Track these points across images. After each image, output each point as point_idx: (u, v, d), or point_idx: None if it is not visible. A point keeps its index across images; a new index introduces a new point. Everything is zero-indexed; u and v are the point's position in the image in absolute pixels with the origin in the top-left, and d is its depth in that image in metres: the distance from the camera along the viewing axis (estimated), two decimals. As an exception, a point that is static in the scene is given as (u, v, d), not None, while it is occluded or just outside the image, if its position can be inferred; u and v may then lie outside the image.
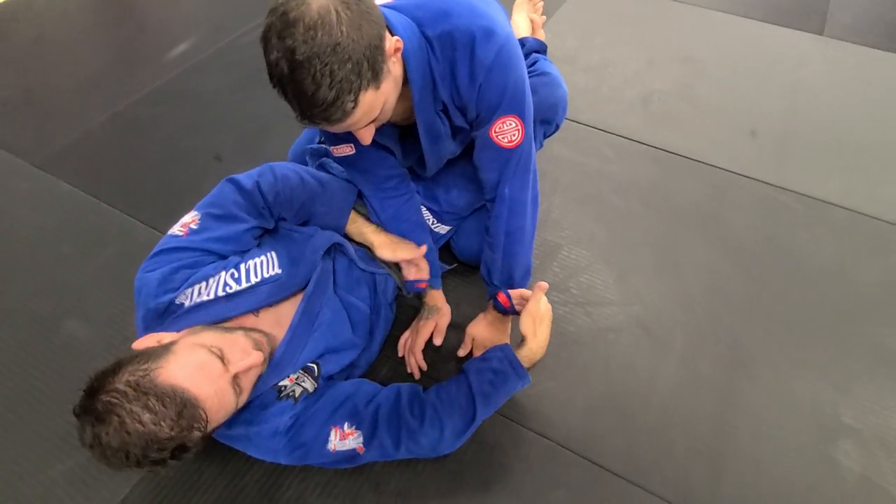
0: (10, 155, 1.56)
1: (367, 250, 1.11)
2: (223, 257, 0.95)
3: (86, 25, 2.13)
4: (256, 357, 0.81)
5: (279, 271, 0.95)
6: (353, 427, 0.91)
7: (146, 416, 0.70)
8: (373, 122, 0.79)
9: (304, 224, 1.07)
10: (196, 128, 1.67)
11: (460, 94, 0.87)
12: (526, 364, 0.98)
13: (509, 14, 1.31)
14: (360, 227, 1.10)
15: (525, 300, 1.02)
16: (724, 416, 1.08)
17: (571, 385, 1.13)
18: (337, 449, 0.90)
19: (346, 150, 0.99)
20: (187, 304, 0.88)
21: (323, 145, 1.22)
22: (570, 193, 1.47)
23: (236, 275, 0.92)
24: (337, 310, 1.00)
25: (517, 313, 1.03)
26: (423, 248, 1.10)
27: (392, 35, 0.77)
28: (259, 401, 0.88)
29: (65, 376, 1.11)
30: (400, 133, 1.01)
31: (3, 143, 1.59)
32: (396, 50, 0.77)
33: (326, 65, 0.66)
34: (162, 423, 0.70)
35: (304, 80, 0.67)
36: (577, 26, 2.04)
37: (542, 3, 1.59)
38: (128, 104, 1.74)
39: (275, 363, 0.89)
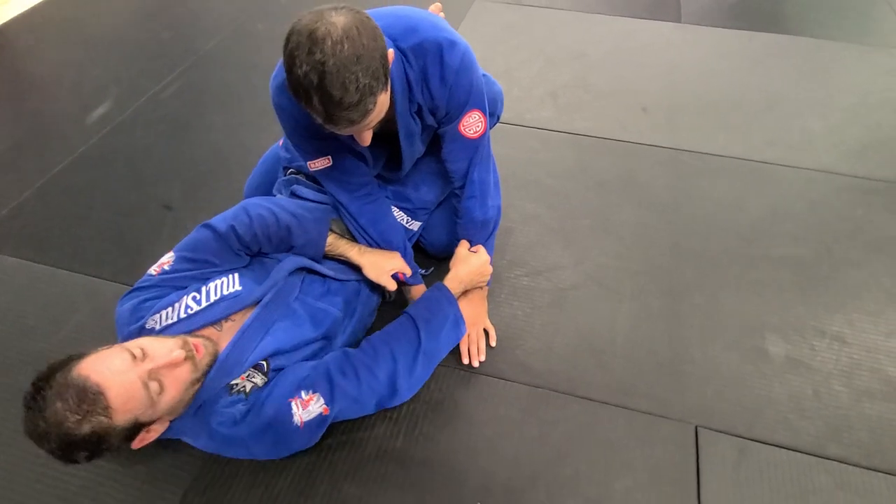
0: (-59, 240, 1.50)
1: (344, 263, 1.21)
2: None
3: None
4: (178, 354, 0.89)
5: (240, 288, 1.04)
6: (310, 391, 0.99)
7: (58, 405, 0.79)
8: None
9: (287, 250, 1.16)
10: (138, 183, 1.68)
11: (432, 96, 1.01)
12: (454, 289, 1.19)
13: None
14: (344, 251, 1.20)
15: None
16: (677, 335, 1.28)
17: (549, 339, 1.28)
18: (304, 420, 0.97)
19: (323, 163, 1.09)
20: (157, 328, 0.98)
21: (292, 175, 1.30)
22: (511, 183, 1.65)
23: (197, 297, 1.02)
24: (297, 316, 1.07)
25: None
26: (402, 262, 1.23)
27: (388, 48, 0.89)
28: (211, 399, 0.95)
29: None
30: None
31: (-71, 231, 1.52)
32: (391, 59, 0.89)
33: (353, 73, 0.78)
34: (67, 411, 0.79)
35: (334, 88, 0.78)
36: (478, 38, 2.26)
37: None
38: (56, 173, 1.71)
39: (220, 363, 0.96)
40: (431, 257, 1.42)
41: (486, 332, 1.28)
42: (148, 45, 2.31)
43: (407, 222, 1.32)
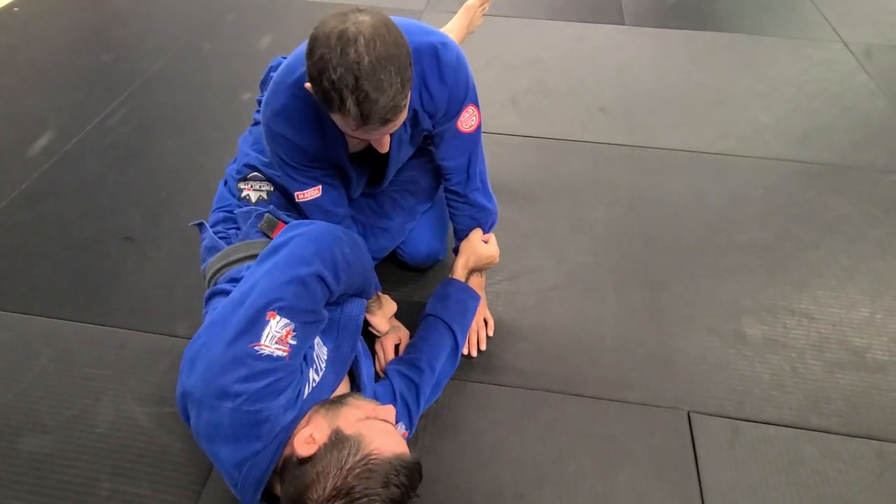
0: None
1: None
2: None
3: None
4: (391, 408, 0.90)
5: (326, 349, 0.96)
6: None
7: (392, 492, 0.75)
8: None
9: None
10: (92, 216, 1.59)
11: (432, 97, 1.01)
12: (462, 277, 1.24)
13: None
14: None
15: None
16: (661, 325, 1.32)
17: (538, 341, 1.29)
18: None
19: (314, 193, 1.07)
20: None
21: (253, 207, 1.17)
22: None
23: (315, 366, 0.91)
24: (370, 362, 1.10)
25: None
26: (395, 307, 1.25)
27: None
28: None
29: (45, 495, 1.02)
30: (352, 160, 1.11)
31: None
32: None
33: (388, 70, 0.77)
34: (404, 487, 0.76)
35: (371, 87, 0.77)
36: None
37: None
38: None
39: None
40: (407, 268, 1.42)
41: (485, 322, 1.29)
42: (88, 70, 2.20)
43: None
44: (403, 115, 0.87)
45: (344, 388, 1.00)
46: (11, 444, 1.09)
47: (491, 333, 1.29)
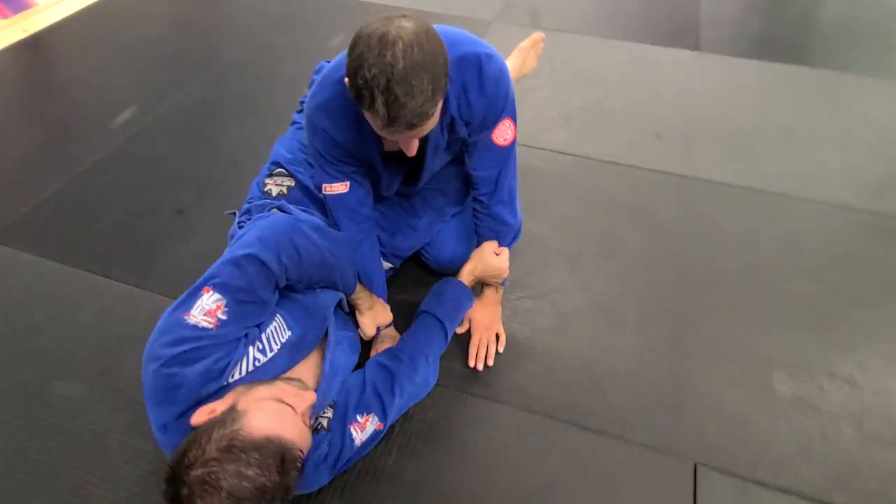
0: (-40, 235, 1.54)
1: None
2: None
3: (18, 105, 2.13)
4: (311, 396, 0.89)
5: (290, 333, 0.98)
6: (365, 413, 1.01)
7: (251, 472, 0.73)
8: None
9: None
10: (153, 187, 1.72)
11: (470, 106, 1.03)
12: (467, 282, 1.24)
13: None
14: (360, 293, 1.18)
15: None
16: (680, 368, 1.26)
17: (548, 363, 1.26)
18: (363, 440, 1.00)
19: (340, 188, 1.11)
20: (224, 383, 0.88)
21: (269, 201, 1.24)
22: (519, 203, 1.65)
23: (261, 346, 0.93)
24: (346, 352, 1.11)
25: None
26: (391, 316, 1.27)
27: None
28: None
29: (64, 433, 1.12)
30: (385, 159, 1.14)
31: (-51, 225, 1.57)
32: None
33: (421, 77, 0.80)
34: (268, 472, 0.74)
35: (400, 91, 0.79)
36: (495, 62, 2.28)
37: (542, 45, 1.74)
38: (77, 174, 1.75)
39: (312, 412, 0.96)
40: (431, 272, 1.42)
41: (497, 337, 1.28)
42: (175, 53, 2.37)
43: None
44: (431, 123, 0.89)
45: (309, 372, 1.01)
46: (46, 385, 1.20)
47: (501, 350, 1.27)
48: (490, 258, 1.23)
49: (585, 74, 2.21)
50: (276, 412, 0.82)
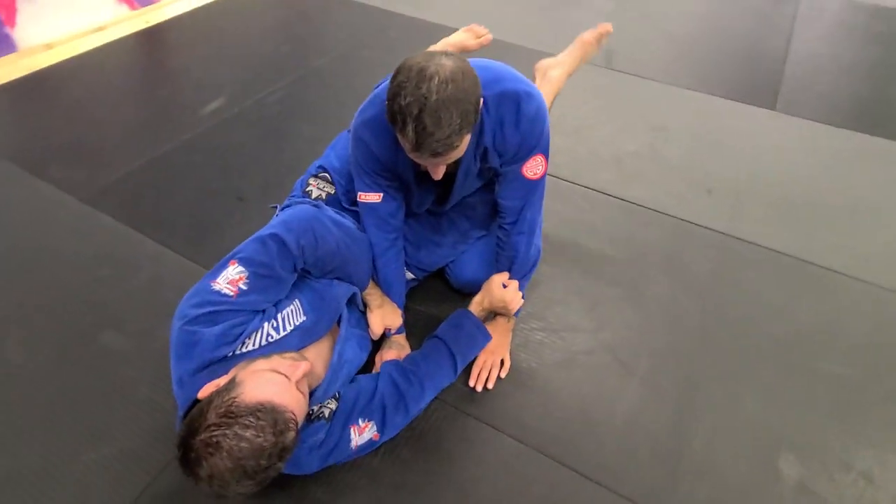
0: (60, 191, 1.77)
1: None
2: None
3: (131, 84, 2.42)
4: (306, 365, 0.95)
5: (304, 318, 1.07)
6: (366, 420, 1.07)
7: (248, 433, 0.81)
8: None
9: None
10: (223, 173, 1.90)
11: (504, 139, 1.10)
12: (477, 313, 1.27)
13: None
14: (370, 291, 1.25)
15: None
16: (681, 427, 1.23)
17: (547, 398, 1.28)
18: (358, 444, 1.06)
19: (374, 198, 1.19)
20: (237, 352, 0.98)
21: (308, 201, 1.35)
22: (549, 238, 1.67)
23: (275, 324, 1.02)
24: (355, 348, 1.17)
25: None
26: (399, 322, 1.31)
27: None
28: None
29: (101, 378, 1.27)
30: (419, 179, 1.21)
31: (54, 181, 1.80)
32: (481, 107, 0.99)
33: (451, 112, 0.88)
34: (262, 433, 0.82)
35: (429, 121, 0.88)
36: (559, 97, 2.32)
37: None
38: (164, 151, 1.97)
39: (315, 399, 1.04)
40: (453, 289, 1.48)
41: (501, 363, 1.31)
42: (268, 56, 2.60)
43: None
44: (456, 153, 0.97)
45: (319, 359, 1.08)
46: (95, 334, 1.36)
47: (503, 375, 1.30)
48: (496, 290, 1.26)
49: (648, 120, 2.20)
50: (269, 380, 0.90)
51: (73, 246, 1.60)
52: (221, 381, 0.92)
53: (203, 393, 0.91)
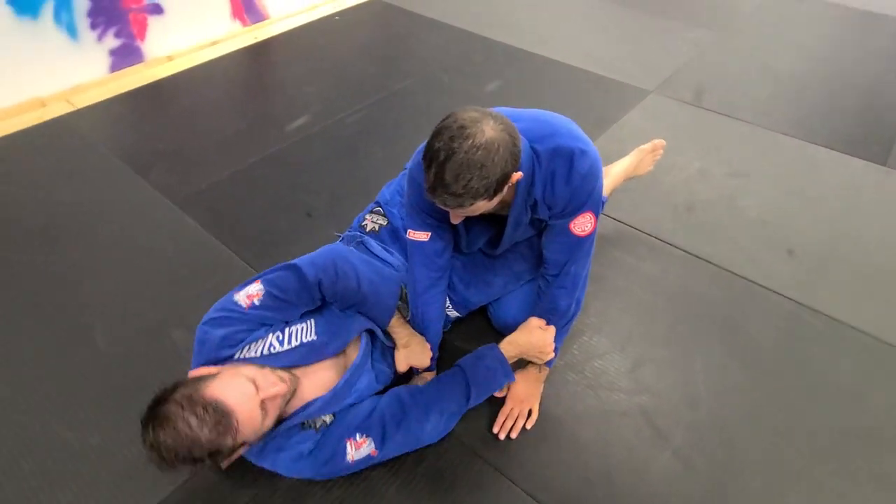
0: (157, 192, 1.99)
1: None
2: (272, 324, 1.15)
3: (232, 97, 2.65)
4: (282, 387, 1.03)
5: (314, 337, 1.14)
6: (364, 435, 1.11)
7: (193, 421, 0.91)
8: None
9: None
10: (297, 189, 2.03)
11: (554, 193, 1.12)
12: (508, 353, 1.25)
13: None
14: (396, 328, 1.28)
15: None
16: (709, 511, 1.15)
17: (571, 456, 1.25)
18: (355, 459, 1.11)
19: (422, 236, 1.24)
20: (237, 356, 1.09)
21: (357, 233, 1.47)
22: (601, 284, 1.63)
23: (280, 337, 1.12)
24: (371, 380, 1.21)
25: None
26: (427, 362, 1.31)
27: (517, 171, 1.00)
28: (287, 431, 1.10)
29: (163, 371, 1.39)
30: (468, 222, 1.24)
31: (154, 183, 2.03)
32: (514, 181, 1.01)
33: (470, 175, 0.92)
34: (204, 427, 0.91)
35: (448, 174, 0.92)
36: (637, 132, 2.24)
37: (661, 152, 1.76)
38: (249, 164, 2.14)
39: (309, 413, 1.10)
40: (495, 330, 1.48)
41: (529, 413, 1.30)
42: (355, 76, 2.74)
43: (448, 308, 1.41)
44: (468, 211, 1.00)
45: (326, 377, 1.15)
46: (168, 330, 1.51)
47: (529, 427, 1.28)
48: (533, 335, 1.26)
49: (731, 165, 2.07)
50: (237, 385, 0.98)
51: (161, 245, 1.79)
52: (211, 370, 1.03)
53: (193, 373, 1.03)
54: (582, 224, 1.16)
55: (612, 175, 1.72)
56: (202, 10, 2.92)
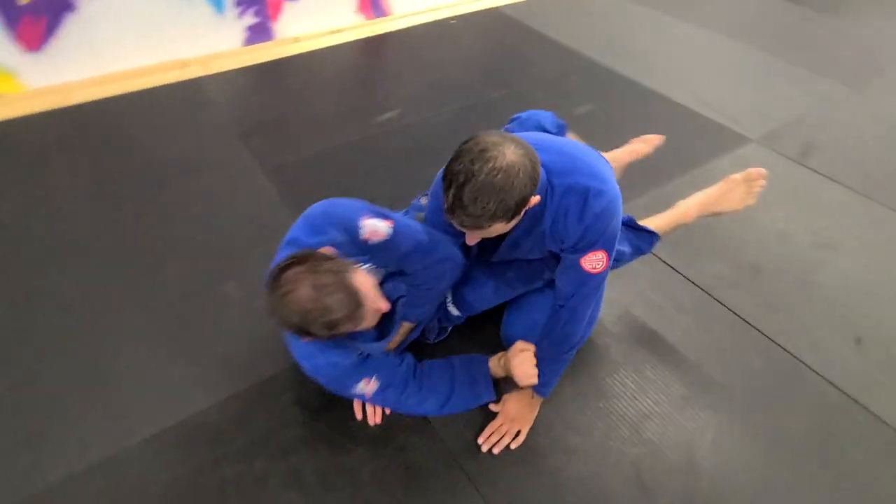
0: (253, 158, 2.20)
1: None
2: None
3: (341, 82, 2.85)
4: (386, 305, 1.13)
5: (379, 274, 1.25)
6: (374, 379, 1.22)
7: (338, 297, 0.99)
8: None
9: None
10: (369, 176, 2.15)
11: (566, 229, 1.13)
12: (493, 363, 1.34)
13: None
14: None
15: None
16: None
17: (546, 488, 1.23)
18: (354, 392, 1.23)
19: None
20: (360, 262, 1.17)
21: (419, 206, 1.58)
22: (630, 324, 1.56)
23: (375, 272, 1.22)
24: (397, 283, 1.31)
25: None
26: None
27: (535, 195, 1.02)
28: (342, 341, 1.18)
29: (216, 321, 1.59)
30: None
31: (252, 149, 2.25)
32: (531, 205, 1.04)
33: (489, 198, 0.95)
34: (343, 308, 1.00)
35: (466, 196, 0.95)
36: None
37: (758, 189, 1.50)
38: (335, 145, 2.30)
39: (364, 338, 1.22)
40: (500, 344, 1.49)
41: (517, 434, 1.30)
42: (451, 79, 2.83)
43: (448, 301, 1.44)
44: (485, 233, 1.04)
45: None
46: (222, 281, 1.69)
47: (513, 447, 1.29)
48: (515, 357, 1.27)
49: (819, 235, 1.88)
50: (371, 286, 1.09)
51: (243, 205, 1.99)
52: (340, 259, 1.09)
53: (324, 249, 1.09)
54: (593, 262, 1.16)
55: (682, 206, 1.53)
56: (333, 0, 3.18)
